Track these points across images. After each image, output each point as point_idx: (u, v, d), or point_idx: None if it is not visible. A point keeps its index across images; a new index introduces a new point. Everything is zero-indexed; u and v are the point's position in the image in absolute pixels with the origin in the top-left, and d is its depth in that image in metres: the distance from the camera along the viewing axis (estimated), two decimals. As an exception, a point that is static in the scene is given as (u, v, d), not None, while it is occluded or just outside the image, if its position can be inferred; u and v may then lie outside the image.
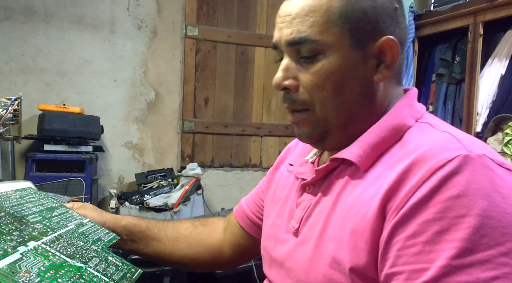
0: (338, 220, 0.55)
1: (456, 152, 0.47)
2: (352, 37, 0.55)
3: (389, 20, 0.56)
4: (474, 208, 0.43)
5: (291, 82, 0.58)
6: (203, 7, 2.80)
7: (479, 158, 0.46)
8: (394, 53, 0.56)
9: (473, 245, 0.43)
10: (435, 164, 0.47)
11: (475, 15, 2.42)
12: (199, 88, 2.82)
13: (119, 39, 2.60)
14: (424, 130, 0.55)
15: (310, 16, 0.55)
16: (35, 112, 2.29)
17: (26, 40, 2.41)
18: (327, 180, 0.61)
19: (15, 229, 0.58)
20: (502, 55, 2.35)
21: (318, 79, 0.56)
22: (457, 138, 0.50)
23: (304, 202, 0.63)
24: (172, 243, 0.84)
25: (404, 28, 0.60)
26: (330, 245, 0.54)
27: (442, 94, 2.73)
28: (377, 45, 0.56)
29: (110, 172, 2.65)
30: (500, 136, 2.19)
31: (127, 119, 2.66)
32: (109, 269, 0.61)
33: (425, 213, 0.45)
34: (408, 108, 0.59)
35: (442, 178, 0.45)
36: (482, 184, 0.44)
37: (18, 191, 0.74)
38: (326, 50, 0.55)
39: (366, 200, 0.52)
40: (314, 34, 0.55)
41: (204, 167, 2.82)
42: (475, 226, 0.43)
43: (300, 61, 0.57)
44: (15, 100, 0.75)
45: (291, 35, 0.56)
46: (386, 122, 0.57)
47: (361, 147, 0.56)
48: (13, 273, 0.47)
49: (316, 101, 0.57)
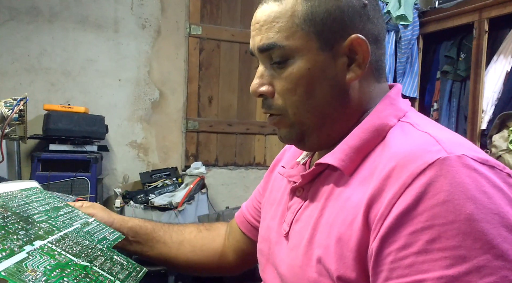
0: (325, 227, 0.54)
1: (435, 154, 0.46)
2: (319, 39, 0.55)
3: (358, 17, 0.56)
4: (462, 213, 0.42)
5: (266, 88, 0.59)
6: (206, 6, 2.80)
7: (460, 159, 0.45)
8: (364, 51, 0.55)
9: (467, 251, 0.42)
10: (415, 169, 0.46)
11: (480, 11, 2.40)
12: (203, 87, 2.83)
13: (123, 39, 2.61)
14: (405, 130, 0.54)
15: (276, 22, 0.55)
16: (40, 112, 2.30)
17: (30, 40, 2.42)
18: (314, 184, 0.61)
19: (21, 228, 0.58)
20: (508, 52, 2.33)
21: (289, 84, 0.57)
22: (436, 139, 0.48)
23: (294, 205, 0.63)
24: (176, 246, 0.85)
25: (379, 23, 0.59)
26: (318, 252, 0.54)
27: (447, 92, 2.72)
28: (346, 44, 0.55)
29: (115, 171, 2.66)
30: (506, 133, 2.18)
31: (131, 119, 2.67)
32: (114, 268, 0.61)
33: (413, 222, 0.44)
34: (390, 107, 0.58)
35: (425, 184, 0.44)
36: (466, 186, 0.43)
37: (24, 191, 0.74)
38: (295, 54, 0.55)
39: (351, 207, 0.51)
40: (281, 40, 0.55)
41: (209, 166, 2.82)
42: (465, 232, 0.42)
43: (274, 67, 0.58)
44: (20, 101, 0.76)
45: (261, 42, 0.57)
46: (368, 123, 0.56)
47: (344, 150, 0.56)
48: (19, 272, 0.47)
49: (288, 106, 0.58)
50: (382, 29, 0.60)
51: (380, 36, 0.59)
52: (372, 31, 0.57)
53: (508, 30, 2.37)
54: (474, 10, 2.43)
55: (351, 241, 0.50)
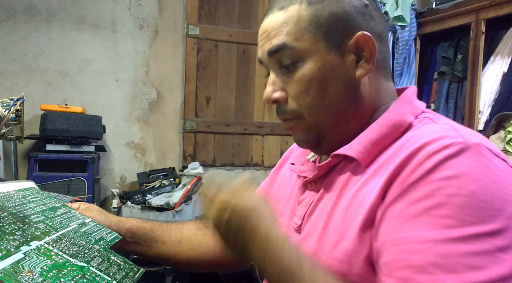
0: (340, 213, 0.56)
1: (452, 139, 0.48)
2: (327, 40, 0.57)
3: (361, 16, 0.58)
4: (464, 189, 0.45)
5: (280, 94, 0.61)
6: (204, 6, 2.80)
7: (475, 145, 0.48)
8: (370, 46, 0.58)
9: (458, 221, 0.44)
10: (431, 150, 0.48)
11: (477, 12, 2.41)
12: (200, 87, 2.82)
13: (121, 39, 2.60)
14: (424, 124, 0.57)
15: (284, 27, 0.58)
16: (37, 112, 2.29)
17: (28, 40, 2.41)
18: (329, 176, 0.62)
19: (18, 229, 0.58)
20: (505, 53, 2.34)
21: (301, 86, 0.59)
22: (455, 128, 0.51)
23: (306, 199, 0.64)
24: (175, 245, 0.85)
25: (380, 21, 0.61)
26: (333, 237, 0.55)
27: (444, 93, 2.72)
28: (352, 42, 0.58)
29: (112, 171, 2.65)
30: (503, 134, 2.19)
31: (129, 119, 2.66)
32: (111, 268, 0.61)
33: (416, 190, 0.47)
34: (408, 105, 0.60)
35: (437, 161, 0.47)
36: (475, 169, 0.46)
37: (21, 191, 0.74)
38: (304, 56, 0.58)
39: (367, 191, 0.53)
40: (291, 41, 0.58)
41: (206, 166, 2.82)
42: (462, 205, 0.44)
43: (284, 72, 0.60)
44: (17, 101, 0.76)
45: (271, 45, 0.60)
46: (386, 119, 0.58)
47: (362, 143, 0.58)
48: (16, 272, 0.47)
49: (303, 108, 0.60)
50: (384, 28, 0.62)
51: (383, 34, 0.61)
52: (376, 29, 0.59)
53: (505, 31, 2.37)
54: (471, 11, 2.44)
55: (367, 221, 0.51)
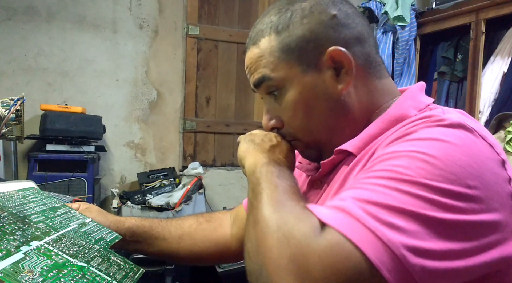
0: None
1: (435, 114, 0.50)
2: (301, 64, 0.59)
3: (330, 30, 0.58)
4: (425, 149, 0.44)
5: (275, 122, 0.65)
6: (204, 6, 2.80)
7: (458, 123, 0.47)
8: (345, 58, 0.57)
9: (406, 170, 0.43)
10: (409, 120, 0.51)
11: (477, 12, 2.41)
12: (200, 87, 2.82)
13: (121, 39, 2.60)
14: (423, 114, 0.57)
15: (260, 60, 0.61)
16: (37, 112, 2.29)
17: (28, 40, 2.41)
18: (332, 173, 0.62)
19: (18, 229, 0.58)
20: (505, 53, 2.34)
21: (289, 112, 0.62)
22: (444, 110, 0.53)
23: (311, 197, 0.65)
24: (176, 241, 0.85)
25: (356, 25, 0.60)
26: None
27: (444, 93, 2.72)
28: (326, 58, 0.58)
29: (112, 171, 2.65)
30: (503, 134, 2.19)
31: (129, 119, 2.66)
32: (111, 268, 0.61)
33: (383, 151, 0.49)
34: (411, 100, 0.59)
35: (410, 128, 0.49)
36: (446, 138, 0.45)
37: (21, 191, 0.74)
38: (284, 83, 0.60)
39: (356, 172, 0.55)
40: (269, 72, 0.60)
41: (206, 166, 2.82)
42: (415, 159, 0.44)
43: (274, 100, 0.63)
44: (17, 101, 0.76)
45: (254, 79, 0.63)
46: (388, 115, 0.59)
47: (363, 139, 0.59)
48: (16, 272, 0.47)
49: (297, 131, 0.63)
50: (362, 29, 0.61)
51: (362, 36, 0.61)
52: (350, 35, 0.59)
53: (505, 31, 2.38)
54: (471, 11, 2.44)
55: None
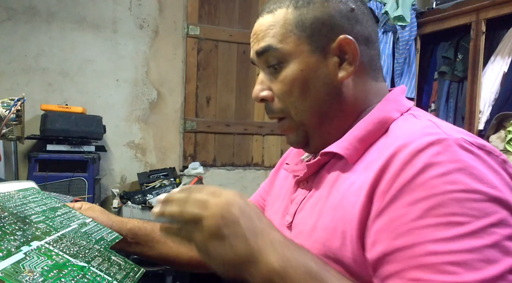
0: (330, 211, 0.57)
1: (435, 135, 0.49)
2: (310, 43, 0.60)
3: (345, 20, 0.60)
4: (459, 184, 0.45)
5: (267, 93, 0.64)
6: (204, 6, 2.80)
7: (458, 140, 0.48)
8: (352, 49, 0.59)
9: (462, 218, 0.44)
10: (416, 147, 0.49)
11: (477, 12, 2.41)
12: (201, 87, 2.82)
13: (121, 39, 2.60)
14: (407, 120, 0.58)
15: (270, 29, 0.61)
16: (38, 112, 2.29)
17: (28, 40, 2.41)
18: (319, 174, 0.63)
19: (19, 229, 0.58)
20: (505, 53, 2.34)
21: (285, 86, 0.61)
22: (437, 124, 0.52)
23: (298, 197, 0.65)
24: (177, 246, 0.84)
25: (369, 25, 0.62)
26: (323, 235, 0.56)
27: (444, 92, 2.72)
28: (335, 45, 0.59)
29: (112, 171, 2.65)
30: (503, 134, 2.19)
31: (129, 119, 2.66)
32: (112, 268, 0.61)
33: (412, 193, 0.47)
34: (394, 102, 0.61)
35: (425, 159, 0.47)
36: (464, 163, 0.46)
37: (21, 191, 0.74)
38: (288, 58, 0.60)
39: (355, 189, 0.54)
40: (276, 43, 0.61)
41: (206, 166, 2.82)
42: (461, 200, 0.45)
43: (271, 72, 0.63)
44: (18, 101, 0.76)
45: (258, 46, 0.63)
46: (372, 116, 0.60)
47: (349, 140, 0.59)
48: (16, 272, 0.47)
49: (289, 107, 0.62)
50: (373, 31, 0.63)
51: (370, 38, 0.62)
52: (362, 32, 0.61)
53: (505, 31, 2.37)
54: (472, 11, 2.44)
55: (354, 221, 0.52)
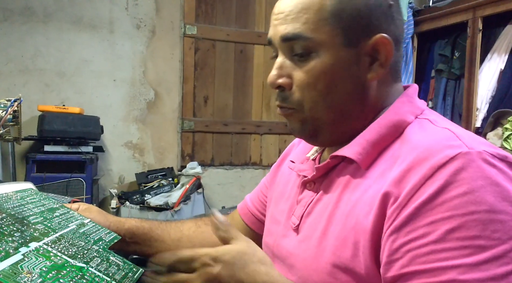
0: (341, 218, 0.55)
1: (457, 149, 0.47)
2: (345, 36, 0.55)
3: (383, 17, 0.56)
4: (482, 204, 0.43)
5: (285, 80, 0.58)
6: (201, 6, 2.79)
7: (480, 154, 0.46)
8: (388, 51, 0.55)
9: (486, 241, 0.43)
10: (436, 162, 0.46)
11: (474, 10, 2.42)
12: (198, 87, 2.82)
13: (118, 39, 2.60)
14: (424, 126, 0.55)
15: (303, 13, 0.55)
16: (35, 113, 2.29)
17: (25, 41, 2.40)
18: (328, 177, 0.61)
19: (17, 230, 0.58)
20: (502, 50, 2.35)
21: (310, 78, 0.56)
22: (457, 135, 0.50)
23: (304, 199, 0.63)
24: (175, 244, 0.84)
25: (400, 24, 0.59)
26: (333, 243, 0.54)
27: (442, 90, 2.73)
28: (371, 43, 0.55)
29: (110, 172, 2.65)
30: (500, 131, 2.20)
31: (127, 119, 2.66)
32: (110, 268, 0.61)
33: (432, 212, 0.45)
34: (408, 104, 0.59)
35: (446, 176, 0.45)
36: (487, 180, 0.45)
37: (19, 192, 0.74)
38: (319, 48, 0.55)
39: (368, 198, 0.52)
40: (308, 31, 0.55)
41: (204, 166, 2.82)
42: (485, 222, 0.43)
43: (294, 59, 0.57)
44: (14, 102, 0.76)
45: (285, 30, 0.56)
46: (386, 119, 0.57)
47: (361, 144, 0.56)
48: (15, 274, 0.47)
49: (306, 101, 0.57)
50: (402, 32, 0.60)
51: (400, 38, 0.59)
52: (394, 32, 0.57)
53: (502, 28, 2.38)
54: (468, 8, 2.44)
55: (367, 231, 0.50)
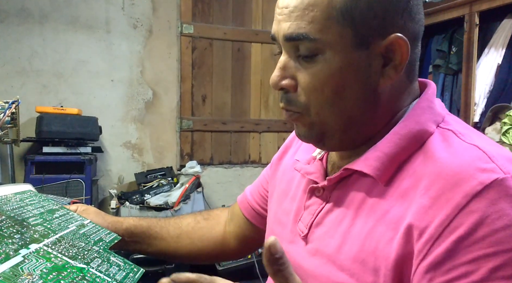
0: (358, 238, 0.51)
1: (491, 174, 0.43)
2: (356, 36, 0.49)
3: (400, 14, 0.49)
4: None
5: (289, 82, 0.53)
6: (198, 5, 2.79)
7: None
8: (403, 52, 0.50)
9: None
10: (471, 190, 0.42)
11: (470, 5, 2.42)
12: (196, 86, 2.82)
13: (115, 39, 2.59)
14: (449, 141, 0.50)
15: (310, 10, 0.49)
16: (33, 114, 2.28)
17: (21, 42, 2.40)
18: (340, 188, 0.57)
19: (16, 232, 0.58)
20: (499, 45, 2.35)
21: (316, 82, 0.51)
22: (488, 155, 0.45)
23: (313, 206, 0.59)
24: (175, 240, 0.84)
25: (419, 20, 0.53)
26: (351, 266, 0.50)
27: (440, 86, 2.73)
28: (384, 44, 0.50)
29: (109, 172, 2.64)
30: (498, 126, 2.20)
31: (125, 119, 2.65)
32: (111, 269, 0.61)
33: (473, 249, 0.41)
34: (428, 111, 0.53)
35: (484, 207, 0.41)
36: None
37: (18, 194, 0.74)
38: (326, 50, 0.50)
39: (391, 221, 0.48)
40: (314, 32, 0.49)
41: (204, 165, 2.82)
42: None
43: (299, 59, 0.52)
44: (12, 104, 0.76)
45: (289, 29, 0.51)
46: (405, 129, 0.52)
47: (379, 158, 0.51)
48: (15, 275, 0.47)
49: (312, 105, 0.53)
50: (422, 27, 0.54)
51: (419, 35, 0.54)
52: (413, 29, 0.51)
53: (499, 23, 2.38)
54: (465, 3, 2.44)
55: (390, 259, 0.46)
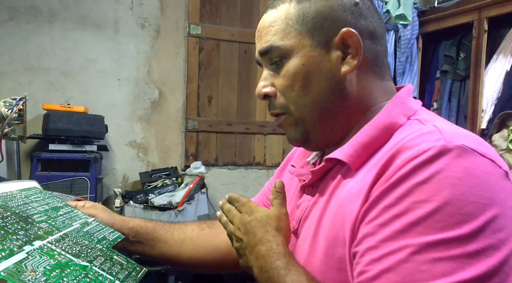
0: (329, 218, 0.56)
1: (433, 143, 0.47)
2: (312, 37, 0.59)
3: (349, 14, 0.59)
4: (436, 195, 0.44)
5: (270, 89, 0.63)
6: (206, 6, 2.79)
7: (457, 148, 0.46)
8: (356, 42, 0.58)
9: (425, 228, 0.43)
10: (410, 155, 0.47)
11: (479, 11, 2.40)
12: (202, 86, 2.82)
13: (123, 39, 2.60)
14: (412, 126, 0.56)
15: (272, 26, 0.61)
16: (40, 112, 2.30)
17: (30, 40, 2.42)
18: (324, 180, 0.62)
19: (21, 229, 0.58)
20: (507, 51, 2.33)
21: (287, 81, 0.61)
22: (440, 130, 0.50)
23: (303, 203, 0.65)
24: (178, 245, 0.85)
25: (374, 20, 0.61)
26: (324, 244, 0.55)
27: (447, 91, 2.72)
28: (338, 39, 0.58)
29: (114, 171, 2.65)
30: (506, 133, 2.18)
31: (131, 119, 2.66)
32: (114, 268, 0.61)
33: (388, 198, 0.47)
34: (400, 106, 0.59)
35: (413, 166, 0.46)
36: (452, 173, 0.44)
37: (24, 191, 0.74)
38: (290, 53, 0.60)
39: (353, 195, 0.53)
40: (277, 41, 0.60)
41: (208, 166, 2.82)
42: (431, 211, 0.43)
43: (274, 69, 0.62)
44: (20, 100, 0.76)
45: (261, 46, 0.62)
46: (378, 121, 0.58)
47: (353, 146, 0.58)
48: (19, 272, 0.47)
49: (290, 102, 0.61)
50: (379, 27, 0.62)
51: (376, 33, 0.61)
52: (366, 27, 0.60)
53: (508, 30, 2.37)
54: (474, 9, 2.43)
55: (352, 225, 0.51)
